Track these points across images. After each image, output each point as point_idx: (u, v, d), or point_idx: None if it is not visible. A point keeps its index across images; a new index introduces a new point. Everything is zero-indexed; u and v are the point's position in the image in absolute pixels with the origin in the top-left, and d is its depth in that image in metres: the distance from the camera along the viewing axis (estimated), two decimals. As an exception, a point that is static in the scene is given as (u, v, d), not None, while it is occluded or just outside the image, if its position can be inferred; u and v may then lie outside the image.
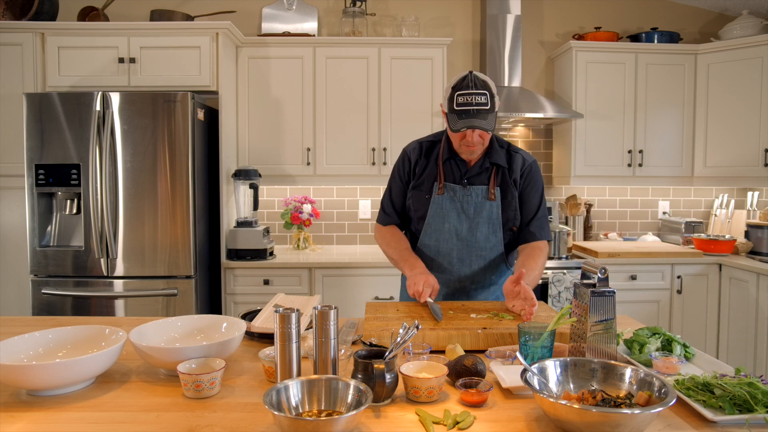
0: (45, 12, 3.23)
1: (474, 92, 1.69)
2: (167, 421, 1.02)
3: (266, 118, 3.45)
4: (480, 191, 1.86)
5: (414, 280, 1.74)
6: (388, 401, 1.10)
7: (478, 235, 1.87)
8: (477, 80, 1.72)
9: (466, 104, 1.69)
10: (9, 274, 3.14)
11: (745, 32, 3.47)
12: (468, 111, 1.69)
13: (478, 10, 3.83)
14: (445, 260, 1.90)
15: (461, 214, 1.87)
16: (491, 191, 1.86)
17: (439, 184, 1.87)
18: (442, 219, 1.88)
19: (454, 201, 1.86)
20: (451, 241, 1.88)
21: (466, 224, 1.87)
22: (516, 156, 1.90)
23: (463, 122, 1.69)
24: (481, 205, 1.86)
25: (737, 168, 3.50)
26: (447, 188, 1.87)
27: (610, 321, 1.24)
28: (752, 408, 1.00)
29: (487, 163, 1.87)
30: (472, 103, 1.68)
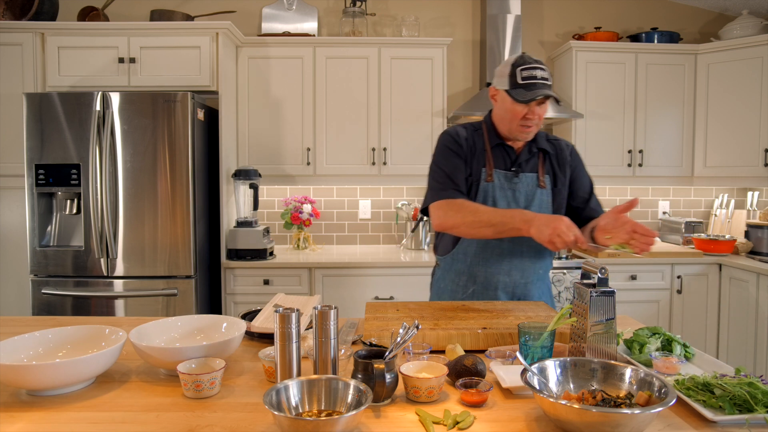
0: (45, 12, 3.23)
1: (537, 66, 1.69)
2: (167, 421, 1.02)
3: (266, 118, 3.45)
4: (530, 179, 1.80)
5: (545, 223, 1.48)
6: (388, 401, 1.10)
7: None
8: (535, 59, 1.72)
9: (531, 77, 1.67)
10: (9, 274, 3.14)
11: (745, 32, 3.47)
12: (535, 84, 1.67)
13: (478, 10, 3.83)
14: (494, 252, 1.80)
15: (512, 203, 1.78)
16: (541, 179, 1.81)
17: (487, 171, 1.78)
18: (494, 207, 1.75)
19: (504, 189, 1.78)
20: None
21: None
22: (558, 143, 1.88)
23: (533, 92, 1.66)
24: (533, 193, 1.79)
25: (737, 168, 3.50)
26: (497, 175, 1.78)
27: (610, 321, 1.24)
28: (752, 408, 1.00)
29: (534, 148, 1.82)
30: (537, 77, 1.67)
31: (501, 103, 1.76)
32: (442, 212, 1.71)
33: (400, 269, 3.22)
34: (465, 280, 1.86)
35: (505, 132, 1.79)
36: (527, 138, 1.79)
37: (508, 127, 1.76)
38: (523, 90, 1.68)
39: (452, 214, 1.68)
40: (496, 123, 1.82)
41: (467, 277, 1.86)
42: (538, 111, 1.72)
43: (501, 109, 1.77)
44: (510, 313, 1.62)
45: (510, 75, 1.70)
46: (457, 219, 1.67)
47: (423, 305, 1.72)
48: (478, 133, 1.85)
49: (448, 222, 1.69)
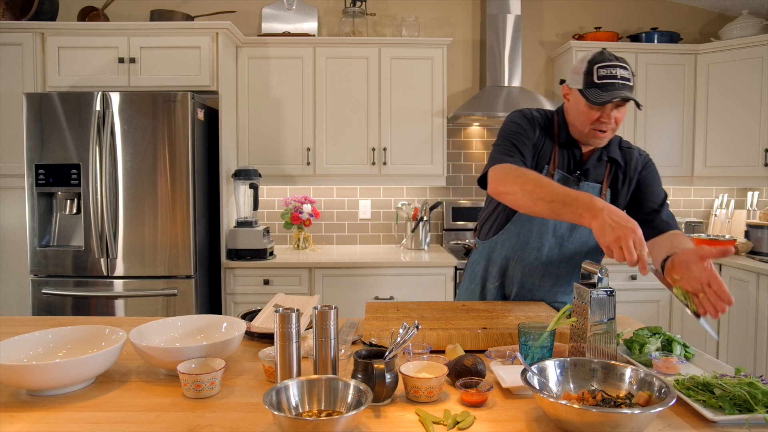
0: (45, 12, 3.23)
1: (617, 65, 1.51)
2: (167, 421, 1.02)
3: (266, 118, 3.45)
4: (592, 189, 1.65)
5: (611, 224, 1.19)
6: (388, 401, 1.10)
7: (576, 237, 1.69)
8: (615, 55, 1.54)
9: (610, 76, 1.50)
10: (9, 274, 3.14)
11: (745, 32, 3.47)
12: (613, 84, 1.50)
13: (478, 10, 3.83)
14: (532, 255, 1.72)
15: None
16: (603, 193, 1.66)
17: (549, 169, 1.65)
18: None
19: None
20: (545, 237, 1.69)
21: (567, 223, 1.66)
22: (630, 152, 1.71)
23: (609, 94, 1.49)
24: None
25: (737, 168, 3.50)
26: (558, 176, 1.64)
27: (610, 321, 1.24)
28: (752, 408, 1.00)
29: (604, 156, 1.67)
30: (617, 76, 1.50)
31: (574, 104, 1.61)
32: (502, 174, 1.50)
33: (400, 269, 3.22)
34: (497, 270, 1.81)
35: (576, 134, 1.65)
36: (600, 144, 1.64)
37: (580, 130, 1.62)
38: (599, 90, 1.51)
39: (513, 179, 1.46)
40: (569, 122, 1.66)
41: (499, 268, 1.80)
42: (615, 115, 1.55)
43: (574, 110, 1.61)
44: (510, 313, 1.62)
45: (586, 72, 1.54)
46: (516, 185, 1.44)
47: (423, 305, 1.72)
48: (550, 123, 1.70)
49: (506, 186, 1.47)
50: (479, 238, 1.89)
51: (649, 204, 1.66)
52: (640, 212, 1.66)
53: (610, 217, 1.21)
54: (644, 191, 1.68)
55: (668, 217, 1.65)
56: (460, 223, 3.81)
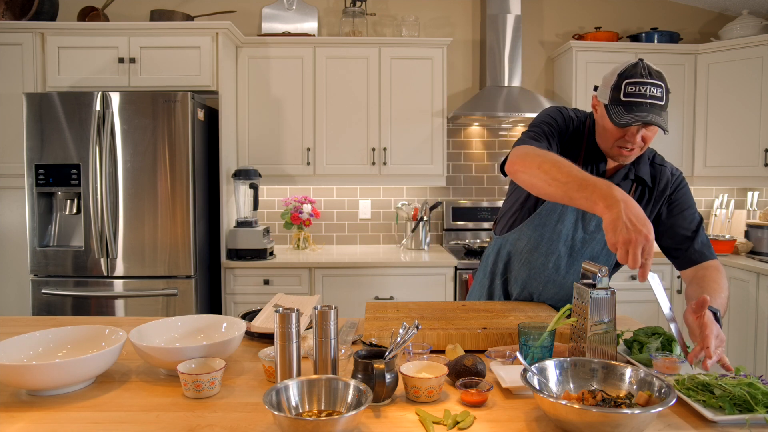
0: (45, 12, 3.23)
1: (649, 82, 1.38)
2: (167, 421, 1.02)
3: (266, 118, 3.45)
4: None
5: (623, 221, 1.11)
6: (388, 401, 1.10)
7: (587, 252, 1.63)
8: (651, 70, 1.40)
9: (638, 95, 1.37)
10: (9, 274, 3.14)
11: (745, 32, 3.47)
12: (640, 104, 1.37)
13: (478, 10, 3.83)
14: (540, 260, 1.67)
15: (579, 222, 1.60)
16: None
17: None
18: (557, 218, 1.59)
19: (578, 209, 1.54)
20: (557, 244, 1.63)
21: (581, 235, 1.61)
22: (662, 170, 1.60)
23: (633, 116, 1.37)
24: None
25: (737, 168, 3.50)
26: None
27: (610, 321, 1.24)
28: (752, 408, 1.00)
29: (632, 174, 1.56)
30: (646, 95, 1.37)
31: (600, 118, 1.50)
32: (522, 153, 1.42)
33: (400, 269, 3.22)
34: (503, 267, 1.79)
35: (604, 149, 1.54)
36: (625, 162, 1.53)
37: (605, 145, 1.52)
38: (623, 110, 1.39)
39: (532, 157, 1.38)
40: (597, 136, 1.56)
41: (504, 264, 1.78)
42: (642, 134, 1.43)
43: (599, 124, 1.51)
44: (510, 313, 1.62)
45: (614, 87, 1.42)
46: (533, 164, 1.35)
47: (423, 305, 1.72)
48: (582, 129, 1.61)
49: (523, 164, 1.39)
50: (495, 233, 1.86)
51: (681, 231, 1.56)
52: (671, 239, 1.58)
53: (626, 214, 1.12)
54: (677, 217, 1.57)
55: (702, 245, 1.54)
56: (460, 223, 3.81)
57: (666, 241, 1.60)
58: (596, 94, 1.51)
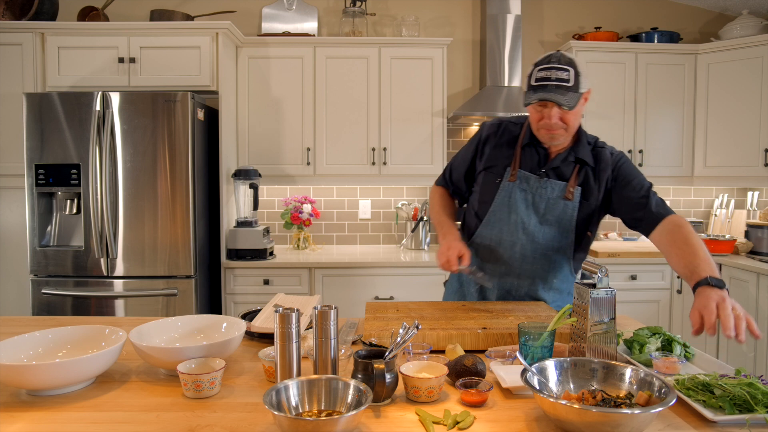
0: (45, 12, 3.23)
1: (555, 66, 1.55)
2: (167, 421, 1.02)
3: (266, 118, 3.45)
4: (557, 187, 1.69)
5: (443, 249, 1.69)
6: (388, 401, 1.10)
7: (546, 233, 1.72)
8: (562, 57, 1.57)
9: (544, 78, 1.55)
10: (9, 274, 3.14)
11: (745, 32, 3.47)
12: (545, 86, 1.54)
13: (478, 10, 3.83)
14: (506, 254, 1.76)
15: (530, 207, 1.71)
16: (569, 189, 1.68)
17: (512, 170, 1.71)
18: (509, 209, 1.72)
19: (525, 191, 1.70)
20: (516, 234, 1.73)
21: (535, 218, 1.72)
22: (603, 152, 1.72)
23: (537, 95, 1.55)
24: (555, 203, 1.69)
25: (737, 168, 3.50)
26: (520, 176, 1.70)
27: (610, 321, 1.24)
28: (752, 408, 1.00)
29: (572, 157, 1.70)
30: (551, 78, 1.54)
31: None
32: (431, 192, 2.04)
33: (400, 269, 3.22)
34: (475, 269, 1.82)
35: (534, 132, 1.70)
36: (553, 143, 1.68)
37: (535, 131, 1.69)
38: (531, 92, 1.58)
39: (431, 197, 2.02)
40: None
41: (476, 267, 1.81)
42: (560, 115, 1.58)
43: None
44: (510, 313, 1.62)
45: (529, 75, 1.61)
46: (430, 202, 2.01)
47: (423, 305, 1.72)
48: (516, 129, 1.78)
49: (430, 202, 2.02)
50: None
51: (634, 199, 1.64)
52: (628, 209, 1.66)
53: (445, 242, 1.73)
54: (626, 188, 1.67)
55: (657, 206, 1.61)
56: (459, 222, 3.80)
57: (624, 214, 1.69)
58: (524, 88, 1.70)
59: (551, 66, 1.56)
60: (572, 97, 1.55)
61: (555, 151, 1.72)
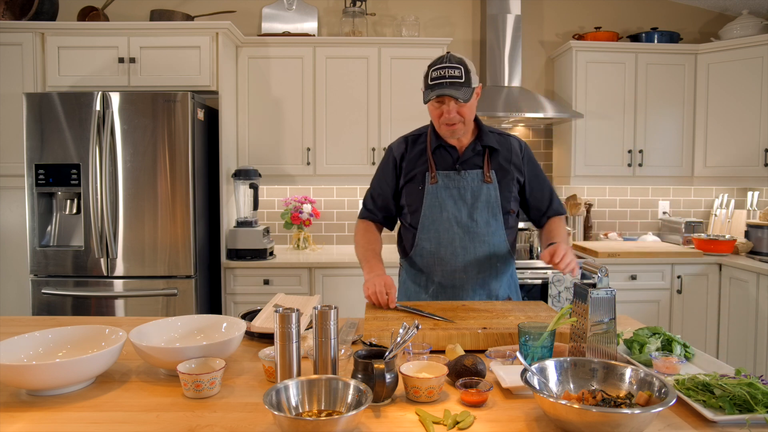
0: (45, 12, 3.23)
1: (447, 65, 1.71)
2: (167, 421, 1.02)
3: (266, 118, 3.45)
4: (475, 175, 1.82)
5: (371, 282, 1.73)
6: (388, 401, 1.10)
7: (478, 220, 1.82)
8: (452, 57, 1.73)
9: (439, 78, 1.71)
10: (9, 274, 3.14)
11: (745, 32, 3.47)
12: (441, 83, 1.70)
13: (478, 10, 3.83)
14: (448, 250, 1.84)
15: (458, 201, 1.82)
16: (486, 174, 1.82)
17: (431, 173, 1.83)
18: (439, 208, 1.82)
19: (449, 188, 1.82)
20: (452, 230, 1.82)
21: (465, 210, 1.82)
22: (509, 139, 1.90)
23: (434, 92, 1.71)
24: (478, 188, 1.82)
25: (737, 168, 3.50)
26: (440, 176, 1.82)
27: (610, 321, 1.24)
28: (752, 408, 1.00)
29: (478, 146, 1.84)
30: (445, 76, 1.70)
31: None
32: (355, 228, 2.06)
33: (400, 269, 3.22)
34: (425, 280, 1.90)
35: (439, 132, 1.84)
36: (454, 136, 1.82)
37: (436, 125, 1.83)
38: (429, 90, 1.73)
39: (355, 233, 2.05)
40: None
41: (426, 277, 1.89)
42: (458, 110, 1.73)
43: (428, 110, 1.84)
44: (510, 313, 1.62)
45: (425, 76, 1.76)
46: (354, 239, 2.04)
47: (423, 305, 1.72)
48: (421, 138, 1.91)
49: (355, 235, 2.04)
50: (401, 256, 2.06)
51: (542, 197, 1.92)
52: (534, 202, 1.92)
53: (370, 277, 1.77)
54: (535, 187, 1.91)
55: (557, 205, 1.94)
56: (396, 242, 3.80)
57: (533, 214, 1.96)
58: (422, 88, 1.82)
59: (444, 65, 1.72)
60: (466, 91, 1.71)
61: (462, 146, 1.86)
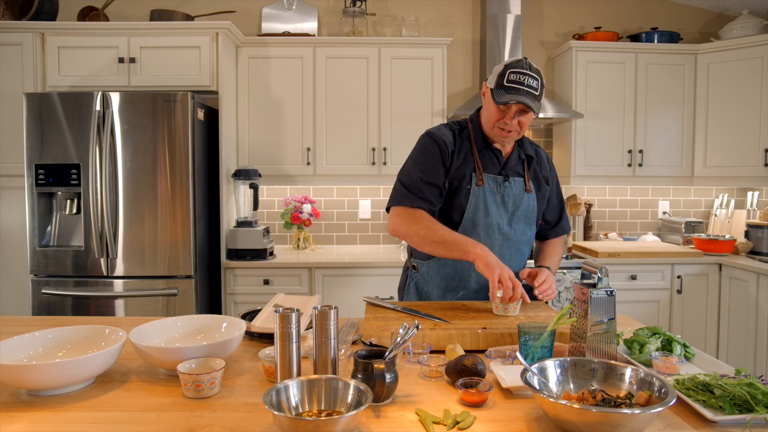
0: (45, 12, 3.23)
1: (528, 73, 1.65)
2: (167, 421, 1.02)
3: (266, 118, 3.45)
4: (519, 183, 1.81)
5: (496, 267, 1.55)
6: (388, 401, 1.10)
7: (517, 229, 1.80)
8: (532, 66, 1.68)
9: (517, 82, 1.64)
10: (9, 274, 3.14)
11: (745, 32, 3.47)
12: (518, 89, 1.64)
13: (478, 10, 3.83)
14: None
15: (500, 207, 1.78)
16: (528, 184, 1.83)
17: (478, 175, 1.76)
18: (485, 212, 1.75)
19: (494, 193, 1.77)
20: (494, 236, 1.77)
21: (506, 218, 1.79)
22: (540, 151, 1.92)
23: (510, 96, 1.63)
24: (520, 197, 1.80)
25: (737, 168, 3.50)
26: (486, 179, 1.76)
27: (610, 321, 1.24)
28: (752, 408, 1.00)
29: (522, 154, 1.84)
30: (524, 83, 1.64)
31: (487, 101, 1.76)
32: (399, 219, 1.74)
33: (400, 269, 3.21)
34: (455, 284, 1.83)
35: (488, 132, 1.79)
36: (503, 143, 1.79)
37: (488, 129, 1.77)
38: (503, 91, 1.66)
39: (407, 224, 1.71)
40: (482, 122, 1.80)
41: (458, 282, 1.82)
42: (519, 119, 1.69)
43: (486, 107, 1.78)
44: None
45: (499, 74, 1.69)
46: (411, 229, 1.70)
47: (423, 305, 1.72)
48: (465, 133, 1.83)
49: (402, 230, 1.73)
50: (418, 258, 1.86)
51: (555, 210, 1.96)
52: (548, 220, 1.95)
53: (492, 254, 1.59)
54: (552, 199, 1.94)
55: (565, 221, 1.99)
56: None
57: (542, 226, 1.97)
58: (486, 82, 1.76)
59: (524, 72, 1.65)
60: (537, 106, 1.67)
61: (506, 153, 1.83)
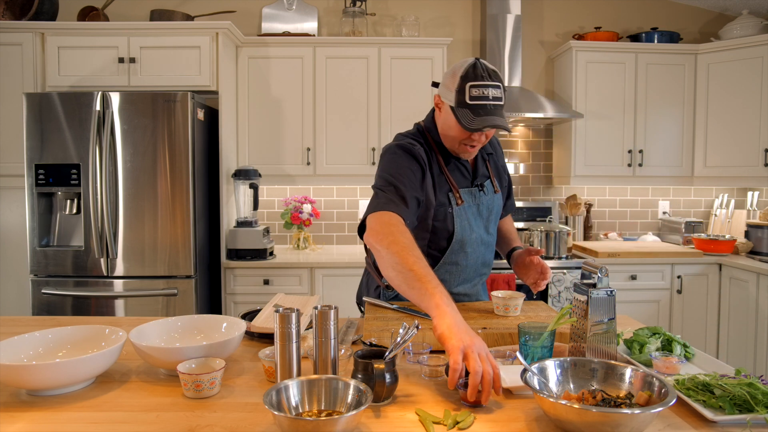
0: (45, 12, 3.23)
1: (489, 84, 1.46)
2: (167, 421, 1.02)
3: (266, 118, 3.45)
4: (489, 187, 1.71)
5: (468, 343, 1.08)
6: (388, 401, 1.10)
7: (492, 232, 1.74)
8: (488, 69, 1.48)
9: (481, 98, 1.45)
10: (9, 274, 3.14)
11: (745, 32, 3.47)
12: (485, 107, 1.45)
13: (478, 10, 3.83)
14: (472, 269, 1.72)
15: (478, 218, 1.68)
16: (494, 183, 1.73)
17: (455, 194, 1.61)
18: (470, 229, 1.65)
19: (472, 206, 1.65)
20: (478, 248, 1.69)
21: (483, 225, 1.70)
22: (493, 140, 1.82)
23: (481, 120, 1.44)
24: (492, 201, 1.70)
25: (737, 168, 3.50)
26: (464, 196, 1.63)
27: (610, 321, 1.24)
28: (752, 408, 1.00)
29: (484, 154, 1.73)
30: (488, 97, 1.45)
31: (445, 117, 1.54)
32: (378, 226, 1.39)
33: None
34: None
35: (450, 148, 1.61)
36: (468, 157, 1.64)
37: (450, 144, 1.59)
38: (470, 113, 1.45)
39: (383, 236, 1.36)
40: (440, 132, 1.61)
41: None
42: (482, 137, 1.55)
43: (445, 124, 1.56)
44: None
45: (458, 90, 1.47)
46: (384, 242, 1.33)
47: (423, 305, 1.71)
48: (429, 148, 1.62)
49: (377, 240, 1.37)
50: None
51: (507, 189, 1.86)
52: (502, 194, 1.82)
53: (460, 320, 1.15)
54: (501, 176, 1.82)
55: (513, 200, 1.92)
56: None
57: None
58: (438, 93, 1.55)
59: (485, 83, 1.45)
60: (505, 116, 1.52)
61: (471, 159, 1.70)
